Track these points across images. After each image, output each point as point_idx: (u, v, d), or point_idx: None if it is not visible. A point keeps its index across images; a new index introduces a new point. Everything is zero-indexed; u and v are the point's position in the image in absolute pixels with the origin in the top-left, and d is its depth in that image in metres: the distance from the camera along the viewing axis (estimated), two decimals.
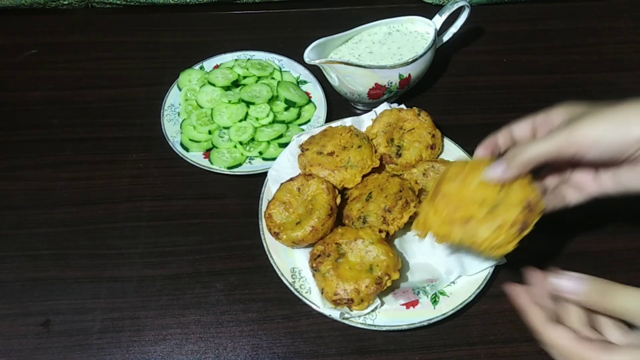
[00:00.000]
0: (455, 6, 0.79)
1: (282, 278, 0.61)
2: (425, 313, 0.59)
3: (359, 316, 0.58)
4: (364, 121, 0.75)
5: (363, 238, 0.60)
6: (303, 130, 0.80)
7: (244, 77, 0.85)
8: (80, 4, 1.02)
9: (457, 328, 0.62)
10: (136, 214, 0.72)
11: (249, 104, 0.80)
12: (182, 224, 0.71)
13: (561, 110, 0.50)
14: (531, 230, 0.48)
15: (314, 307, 0.59)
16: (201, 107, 0.81)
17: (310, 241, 0.61)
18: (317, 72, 0.82)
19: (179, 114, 0.82)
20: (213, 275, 0.67)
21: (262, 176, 0.71)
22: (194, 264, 0.68)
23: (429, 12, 0.82)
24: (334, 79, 0.77)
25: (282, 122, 0.80)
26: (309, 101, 0.83)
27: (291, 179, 0.66)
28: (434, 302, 0.60)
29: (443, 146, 0.73)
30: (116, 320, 0.63)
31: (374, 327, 0.58)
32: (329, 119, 0.80)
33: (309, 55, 0.72)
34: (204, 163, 0.75)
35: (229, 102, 0.80)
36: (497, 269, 0.62)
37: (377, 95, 0.77)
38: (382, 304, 0.60)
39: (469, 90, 0.88)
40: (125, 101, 0.86)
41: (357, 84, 0.75)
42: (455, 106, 0.85)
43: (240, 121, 0.79)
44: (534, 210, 0.47)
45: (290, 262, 0.63)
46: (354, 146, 0.68)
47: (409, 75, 0.76)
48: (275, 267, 0.62)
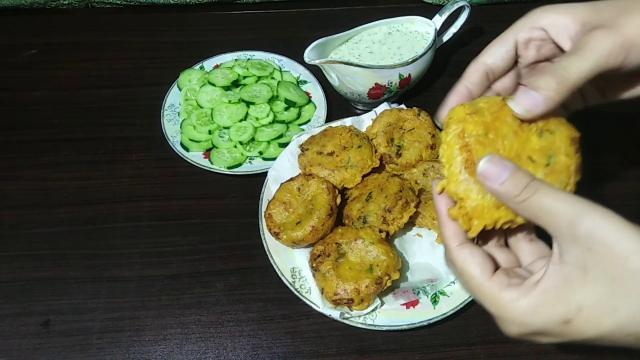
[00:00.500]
0: (455, 6, 0.79)
1: (282, 278, 0.61)
2: (425, 313, 0.59)
3: (359, 316, 0.58)
4: (364, 121, 0.75)
5: (363, 238, 0.60)
6: (303, 130, 0.80)
7: (244, 77, 0.85)
8: (80, 4, 1.02)
9: (457, 328, 0.62)
10: (136, 214, 0.72)
11: (249, 104, 0.80)
12: (182, 224, 0.71)
13: (563, 15, 0.38)
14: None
15: (314, 307, 0.59)
16: (201, 107, 0.81)
17: (310, 241, 0.61)
18: (317, 72, 0.82)
19: (179, 113, 0.82)
20: (213, 275, 0.67)
21: (262, 176, 0.71)
22: (194, 264, 0.68)
23: (429, 12, 0.82)
24: (334, 79, 0.77)
25: (282, 122, 0.80)
26: (309, 101, 0.83)
27: (291, 179, 0.66)
28: (434, 302, 0.60)
29: None
30: (116, 320, 0.63)
31: (374, 327, 0.58)
32: (329, 119, 0.80)
33: (309, 55, 0.72)
34: (204, 163, 0.75)
35: (229, 102, 0.80)
36: None
37: (377, 95, 0.77)
38: (382, 304, 0.60)
39: None
40: (125, 101, 0.86)
41: (357, 84, 0.75)
42: None
43: (240, 121, 0.79)
44: (580, 147, 0.39)
45: (290, 262, 0.63)
46: (354, 146, 0.68)
47: (409, 75, 0.76)
48: (275, 267, 0.62)
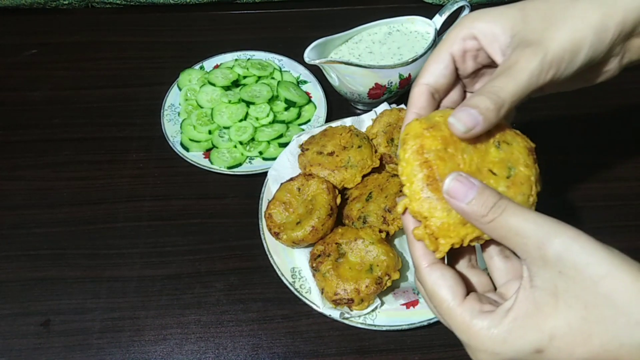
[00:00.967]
0: (455, 6, 0.79)
1: (282, 278, 0.61)
2: (425, 313, 0.59)
3: (359, 316, 0.58)
4: (364, 121, 0.75)
5: (363, 238, 0.60)
6: (303, 130, 0.80)
7: (244, 77, 0.85)
8: (80, 4, 1.02)
9: None
10: (136, 214, 0.72)
11: (249, 103, 0.80)
12: (182, 224, 0.71)
13: (493, 24, 0.37)
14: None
15: (314, 307, 0.59)
16: (201, 107, 0.81)
17: (310, 241, 0.61)
18: (317, 72, 0.82)
19: (179, 113, 0.82)
20: (213, 275, 0.67)
21: (262, 176, 0.71)
22: (194, 264, 0.68)
23: (429, 12, 0.82)
24: (334, 78, 0.77)
25: (282, 122, 0.80)
26: (309, 101, 0.83)
27: (291, 179, 0.66)
28: None
29: None
30: (116, 320, 0.63)
31: (374, 327, 0.58)
32: (329, 119, 0.80)
33: (309, 55, 0.72)
34: (204, 163, 0.75)
35: (229, 102, 0.80)
36: None
37: (377, 95, 0.77)
38: (382, 304, 0.60)
39: None
40: (125, 101, 0.86)
41: (357, 84, 0.75)
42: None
43: (240, 121, 0.79)
44: (537, 158, 0.39)
45: (290, 262, 0.63)
46: (354, 146, 0.68)
47: (409, 75, 0.76)
48: (275, 267, 0.62)
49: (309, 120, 0.81)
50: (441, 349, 0.60)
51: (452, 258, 0.40)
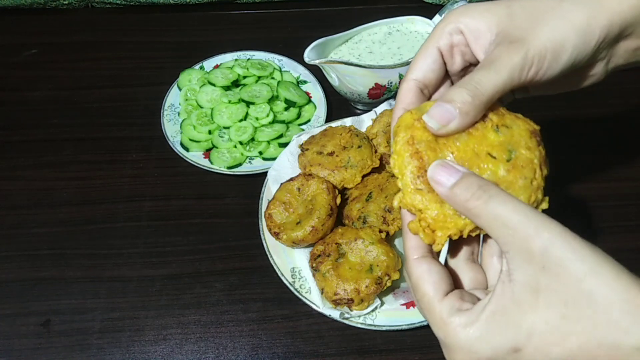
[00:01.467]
0: (455, 6, 0.79)
1: (282, 278, 0.61)
2: None
3: (359, 316, 0.58)
4: (364, 121, 0.75)
5: (363, 238, 0.60)
6: (303, 130, 0.80)
7: (244, 77, 0.85)
8: (80, 4, 1.02)
9: None
10: (136, 214, 0.72)
11: (249, 103, 0.80)
12: (182, 224, 0.71)
13: (478, 20, 0.37)
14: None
15: (314, 307, 0.59)
16: (201, 107, 0.81)
17: (310, 241, 0.61)
18: (317, 72, 0.82)
19: (179, 113, 0.82)
20: (213, 275, 0.67)
21: (262, 176, 0.71)
22: (194, 264, 0.68)
23: (429, 12, 0.82)
24: (334, 79, 0.77)
25: (282, 122, 0.80)
26: (309, 101, 0.83)
27: (291, 179, 0.66)
28: None
29: None
30: (116, 320, 0.63)
31: (374, 327, 0.58)
32: (329, 119, 0.80)
33: (309, 55, 0.72)
34: (204, 163, 0.75)
35: (229, 102, 0.80)
36: None
37: (377, 95, 0.77)
38: (382, 304, 0.60)
39: None
40: (125, 101, 0.86)
41: (357, 84, 0.75)
42: None
43: (240, 121, 0.79)
44: (542, 140, 0.37)
45: (290, 262, 0.63)
46: (354, 146, 0.68)
47: None
48: (275, 267, 0.62)
49: (309, 120, 0.81)
50: (441, 348, 0.60)
51: (454, 249, 0.39)
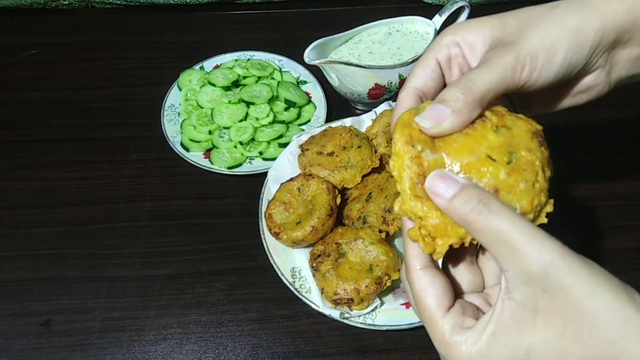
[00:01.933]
0: (455, 6, 0.79)
1: (282, 278, 0.61)
2: None
3: (359, 316, 0.58)
4: (364, 121, 0.75)
5: (363, 238, 0.60)
6: (303, 130, 0.80)
7: (244, 77, 0.85)
8: (80, 4, 1.02)
9: None
10: (136, 214, 0.72)
11: (249, 104, 0.80)
12: (182, 224, 0.71)
13: (474, 33, 0.38)
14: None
15: (313, 307, 0.59)
16: (201, 107, 0.81)
17: (310, 241, 0.62)
18: (317, 72, 0.82)
19: (179, 114, 0.82)
20: (213, 275, 0.67)
21: (262, 176, 0.71)
22: (194, 264, 0.68)
23: (429, 12, 0.82)
24: (334, 79, 0.77)
25: (282, 122, 0.80)
26: (309, 101, 0.83)
27: (291, 179, 0.66)
28: None
29: None
30: (116, 320, 0.63)
31: (373, 327, 0.58)
32: (329, 119, 0.80)
33: (309, 55, 0.72)
34: (204, 163, 0.75)
35: (229, 102, 0.80)
36: None
37: (377, 95, 0.77)
38: (382, 303, 0.60)
39: None
40: (125, 101, 0.86)
41: (357, 84, 0.75)
42: None
43: (241, 121, 0.79)
44: (545, 140, 0.36)
45: (290, 262, 0.63)
46: (354, 146, 0.68)
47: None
48: (275, 267, 0.62)
49: (308, 121, 0.81)
50: None
51: (453, 251, 0.38)
